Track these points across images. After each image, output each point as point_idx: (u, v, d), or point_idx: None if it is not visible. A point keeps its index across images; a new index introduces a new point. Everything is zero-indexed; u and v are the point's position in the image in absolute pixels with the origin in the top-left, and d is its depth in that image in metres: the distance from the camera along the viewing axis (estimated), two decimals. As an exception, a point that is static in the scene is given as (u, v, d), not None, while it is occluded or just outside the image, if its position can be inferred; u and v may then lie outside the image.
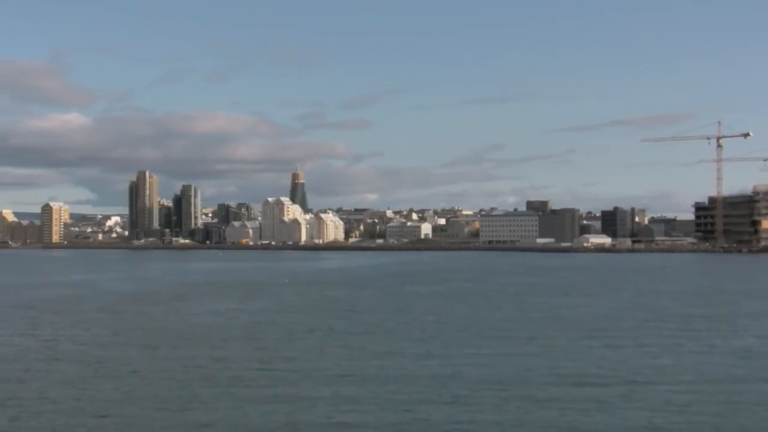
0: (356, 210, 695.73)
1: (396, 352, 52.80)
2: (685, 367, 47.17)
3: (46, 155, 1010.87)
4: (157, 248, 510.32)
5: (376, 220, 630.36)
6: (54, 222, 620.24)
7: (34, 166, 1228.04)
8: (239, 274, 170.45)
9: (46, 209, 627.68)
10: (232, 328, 66.88)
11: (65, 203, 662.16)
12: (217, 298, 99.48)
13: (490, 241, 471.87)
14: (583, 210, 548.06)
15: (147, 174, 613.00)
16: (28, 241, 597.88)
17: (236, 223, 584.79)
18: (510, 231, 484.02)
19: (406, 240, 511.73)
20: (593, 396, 39.05)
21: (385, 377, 43.96)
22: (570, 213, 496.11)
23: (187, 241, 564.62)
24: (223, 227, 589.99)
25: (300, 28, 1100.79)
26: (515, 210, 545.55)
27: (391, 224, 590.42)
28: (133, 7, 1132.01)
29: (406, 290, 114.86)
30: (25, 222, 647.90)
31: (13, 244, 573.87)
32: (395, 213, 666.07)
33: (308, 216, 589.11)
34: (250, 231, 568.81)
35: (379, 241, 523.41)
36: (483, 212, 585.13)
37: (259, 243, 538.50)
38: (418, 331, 63.81)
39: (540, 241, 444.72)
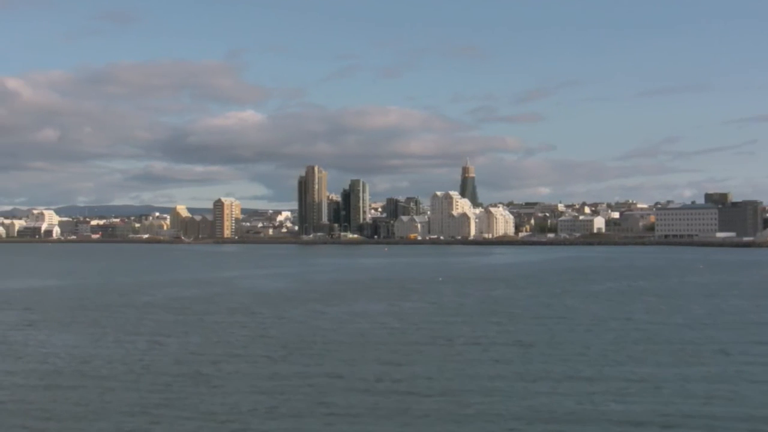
0: (527, 204, 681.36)
1: (550, 371, 42.92)
2: None
3: (223, 152, 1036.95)
4: (325, 243, 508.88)
5: (548, 214, 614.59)
6: (225, 217, 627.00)
7: (212, 163, 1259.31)
8: (398, 270, 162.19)
9: (218, 204, 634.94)
10: (365, 334, 58.11)
11: (240, 199, 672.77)
12: (364, 297, 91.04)
13: (666, 236, 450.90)
14: (766, 203, 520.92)
15: (316, 169, 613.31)
16: (200, 236, 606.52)
17: (404, 218, 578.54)
18: (687, 225, 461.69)
19: (578, 234, 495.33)
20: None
21: (529, 412, 34.38)
22: (752, 205, 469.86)
23: (355, 235, 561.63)
24: (392, 222, 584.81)
25: (472, 22, 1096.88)
26: (693, 203, 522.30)
27: (562, 218, 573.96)
28: (305, 5, 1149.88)
29: (575, 289, 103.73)
30: (197, 217, 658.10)
31: (186, 239, 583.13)
32: (567, 207, 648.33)
33: (477, 210, 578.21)
34: (419, 225, 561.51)
35: (551, 235, 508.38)
36: (659, 205, 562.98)
37: (427, 237, 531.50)
38: (583, 342, 53.32)
39: (720, 235, 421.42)
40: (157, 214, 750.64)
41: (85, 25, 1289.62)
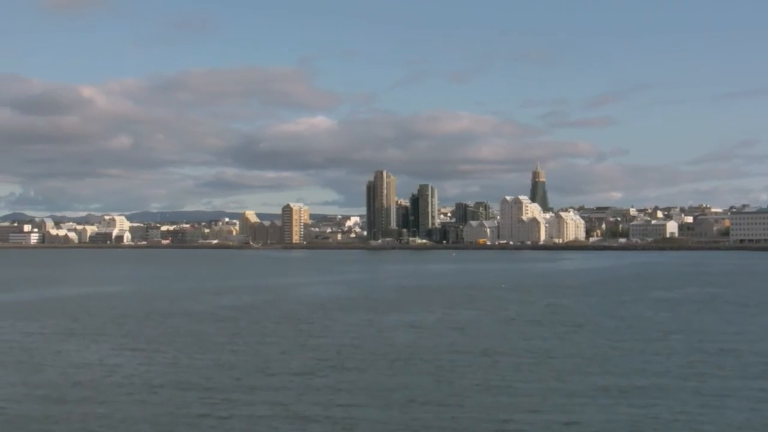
0: (598, 208, 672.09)
1: (606, 388, 38.69)
2: None
3: (294, 158, 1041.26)
4: (393, 248, 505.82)
5: (619, 219, 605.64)
6: (294, 222, 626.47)
7: (283, 169, 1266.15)
8: (463, 276, 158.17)
9: (287, 210, 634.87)
10: (412, 345, 54.13)
11: (311, 204, 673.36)
12: (422, 305, 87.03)
13: (741, 240, 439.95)
14: None
15: (384, 174, 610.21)
16: (269, 241, 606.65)
17: (473, 223, 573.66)
18: (764, 229, 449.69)
19: (650, 239, 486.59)
20: None
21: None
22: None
23: (424, 241, 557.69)
24: (461, 227, 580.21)
25: (542, 26, 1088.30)
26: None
27: (634, 223, 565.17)
28: (374, 11, 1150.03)
29: (644, 297, 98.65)
30: (266, 223, 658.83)
31: (255, 245, 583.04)
32: (639, 211, 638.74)
33: (548, 215, 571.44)
34: (488, 230, 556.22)
35: (622, 240, 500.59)
36: (734, 209, 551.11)
37: (496, 243, 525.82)
38: (648, 356, 48.78)
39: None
40: (227, 219, 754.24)
41: (158, 33, 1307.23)
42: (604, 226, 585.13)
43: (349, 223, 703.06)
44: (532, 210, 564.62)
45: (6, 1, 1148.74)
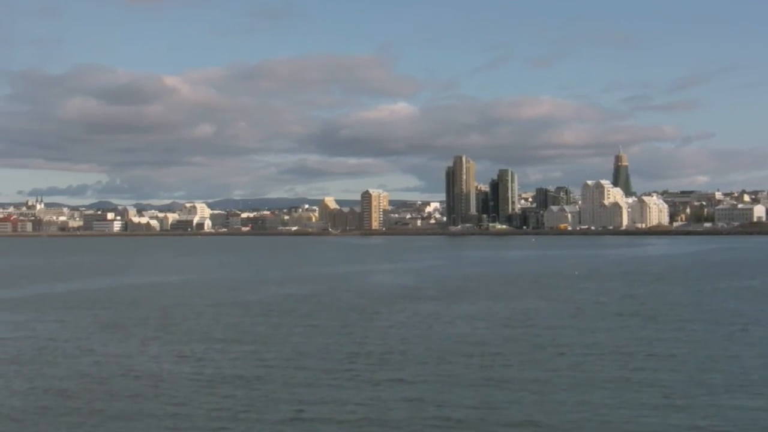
0: (682, 192, 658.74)
1: (675, 394, 33.64)
2: None
3: (376, 145, 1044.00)
4: (473, 234, 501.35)
5: (704, 203, 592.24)
6: (373, 209, 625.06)
7: (365, 155, 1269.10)
8: (538, 263, 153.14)
9: (366, 196, 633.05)
10: (464, 340, 49.29)
11: (392, 191, 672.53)
12: (487, 295, 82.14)
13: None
14: None
15: (463, 159, 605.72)
16: (347, 228, 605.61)
17: (554, 208, 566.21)
18: None
19: (736, 224, 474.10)
20: None
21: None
22: None
23: (503, 226, 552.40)
24: (541, 212, 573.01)
25: (624, 9, 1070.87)
26: None
27: (720, 207, 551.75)
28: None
29: (728, 285, 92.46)
30: (346, 209, 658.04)
31: (333, 232, 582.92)
32: (725, 195, 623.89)
33: (630, 199, 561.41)
34: (569, 215, 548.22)
35: (707, 224, 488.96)
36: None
37: (578, 228, 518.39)
38: (730, 354, 43.44)
39: None
40: (306, 206, 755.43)
41: (239, 22, 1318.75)
42: (688, 210, 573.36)
43: (428, 209, 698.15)
44: (614, 194, 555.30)
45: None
